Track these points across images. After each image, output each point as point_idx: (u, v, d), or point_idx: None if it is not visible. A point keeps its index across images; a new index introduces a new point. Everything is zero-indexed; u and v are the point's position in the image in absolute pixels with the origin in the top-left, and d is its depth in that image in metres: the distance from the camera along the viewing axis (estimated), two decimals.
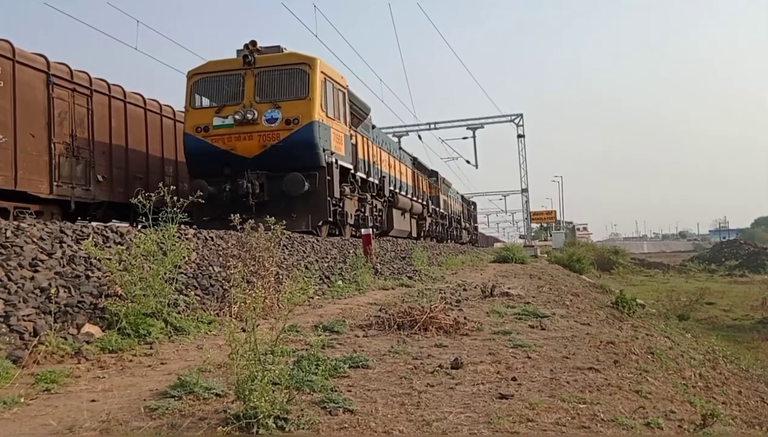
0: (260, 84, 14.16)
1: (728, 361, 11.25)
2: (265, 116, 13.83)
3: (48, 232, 6.49)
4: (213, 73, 14.55)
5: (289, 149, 13.60)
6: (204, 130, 14.02)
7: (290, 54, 14.52)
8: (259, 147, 13.77)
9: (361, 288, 10.05)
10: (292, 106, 13.87)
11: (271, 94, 14.14)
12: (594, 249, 53.14)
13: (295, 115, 13.76)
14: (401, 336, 5.82)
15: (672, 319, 19.05)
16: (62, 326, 5.01)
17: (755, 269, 51.89)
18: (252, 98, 13.99)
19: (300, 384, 3.81)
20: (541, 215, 71.86)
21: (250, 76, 14.14)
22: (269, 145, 13.73)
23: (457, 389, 4.05)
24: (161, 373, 4.32)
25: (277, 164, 13.57)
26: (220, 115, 14.03)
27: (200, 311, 6.33)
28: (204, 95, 14.72)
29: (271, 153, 13.67)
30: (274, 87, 14.19)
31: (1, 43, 11.51)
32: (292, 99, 14.02)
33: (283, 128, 13.75)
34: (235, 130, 13.87)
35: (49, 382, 3.94)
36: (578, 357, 5.29)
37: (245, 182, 13.44)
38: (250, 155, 13.78)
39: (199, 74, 14.59)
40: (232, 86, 14.37)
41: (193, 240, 8.32)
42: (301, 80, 14.16)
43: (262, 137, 13.80)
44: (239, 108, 13.86)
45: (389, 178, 21.88)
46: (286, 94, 14.13)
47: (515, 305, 8.68)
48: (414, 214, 26.96)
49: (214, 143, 13.93)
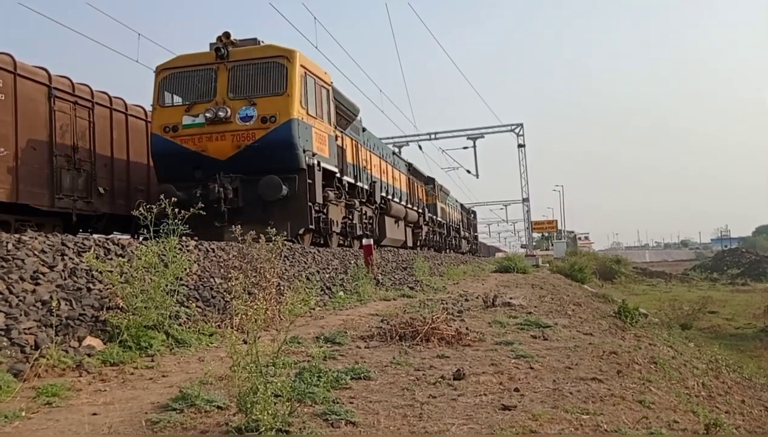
0: (234, 79, 13.03)
1: (731, 370, 11.21)
2: (239, 114, 12.72)
3: (49, 245, 6.50)
4: (183, 68, 13.39)
5: (265, 149, 12.46)
6: (172, 130, 12.88)
7: (266, 46, 13.45)
8: (232, 148, 12.66)
9: (363, 299, 10.04)
10: (268, 103, 12.75)
11: (246, 90, 12.97)
12: (596, 258, 53.16)
13: (271, 112, 12.62)
14: (403, 347, 5.81)
15: (675, 328, 19.02)
16: (63, 339, 5.00)
17: (757, 277, 51.91)
18: (225, 95, 12.89)
19: (302, 396, 3.80)
20: (542, 225, 71.83)
21: (223, 71, 13.02)
22: (243, 145, 12.61)
23: (460, 400, 4.04)
24: (163, 386, 4.31)
25: (252, 166, 12.49)
26: (191, 113, 12.91)
27: (202, 323, 6.32)
28: (174, 92, 13.57)
29: (246, 154, 12.56)
30: (249, 82, 13.03)
31: (3, 56, 11.57)
32: (268, 95, 12.88)
33: (258, 127, 12.63)
34: (207, 129, 12.75)
35: (51, 396, 3.93)
36: (581, 367, 5.27)
37: (216, 187, 12.33)
38: (223, 157, 12.68)
39: (169, 69, 13.47)
40: (203, 82, 13.24)
41: (195, 252, 8.32)
42: (278, 75, 13.00)
43: (236, 136, 12.69)
44: (211, 106, 12.76)
45: (381, 183, 20.79)
46: (262, 89, 12.97)
47: (517, 315, 8.66)
48: (409, 222, 26.01)
49: (183, 144, 12.80)
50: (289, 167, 12.67)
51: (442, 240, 35.99)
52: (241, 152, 12.58)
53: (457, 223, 43.07)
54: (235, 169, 12.61)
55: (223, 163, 12.61)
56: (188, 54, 13.62)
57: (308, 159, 13.02)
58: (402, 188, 25.32)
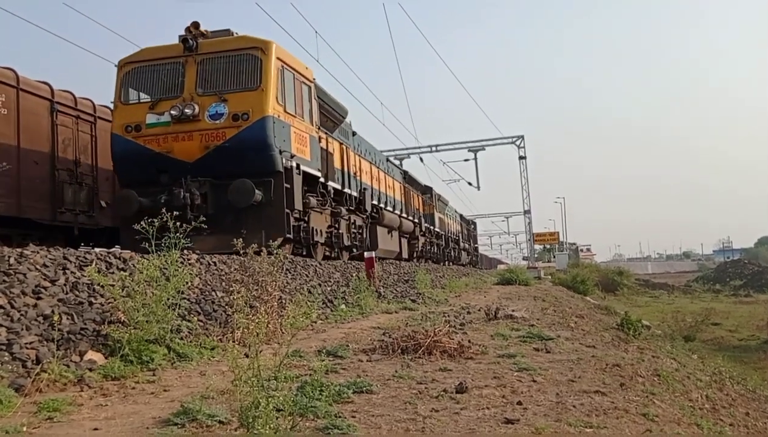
0: (203, 73, 11.88)
1: (735, 382, 11.14)
2: (208, 112, 11.55)
3: (51, 259, 6.50)
4: (148, 61, 12.21)
5: (236, 150, 11.36)
6: (135, 129, 11.71)
7: (240, 38, 12.35)
8: (200, 149, 11.48)
9: (365, 312, 10.02)
10: (240, 99, 11.61)
11: (217, 85, 11.81)
12: (598, 270, 53.09)
13: (244, 109, 11.49)
14: (405, 360, 5.79)
15: (678, 340, 18.93)
16: (65, 353, 4.99)
17: (760, 288, 51.75)
18: (193, 91, 11.71)
19: (304, 410, 3.78)
20: (544, 237, 71.73)
21: (191, 65, 11.86)
22: (213, 146, 11.45)
23: (462, 414, 4.02)
24: (164, 400, 4.30)
25: (223, 169, 11.36)
26: (155, 111, 11.75)
27: (203, 337, 6.31)
28: (137, 88, 12.41)
29: (216, 156, 11.41)
30: (219, 77, 11.88)
31: (6, 71, 11.64)
32: (240, 90, 11.74)
33: (229, 126, 11.47)
34: (173, 128, 11.57)
35: (52, 410, 3.92)
36: (584, 380, 5.25)
37: (182, 192, 11.16)
38: (191, 159, 11.49)
39: (132, 63, 12.28)
40: (170, 77, 12.05)
41: (196, 265, 8.32)
42: (251, 68, 11.86)
43: (205, 136, 11.50)
44: (178, 102, 11.59)
45: (372, 191, 19.60)
46: (233, 84, 11.82)
47: (520, 327, 8.63)
48: (404, 233, 24.83)
49: (146, 145, 11.61)
50: (263, 170, 11.55)
51: (441, 252, 35.03)
52: (211, 154, 11.47)
53: (456, 234, 42.19)
54: (204, 172, 11.47)
55: (190, 166, 11.48)
56: (154, 46, 12.52)
57: (286, 161, 11.89)
58: (397, 197, 24.19)
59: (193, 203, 11.18)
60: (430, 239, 31.59)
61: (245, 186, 11.18)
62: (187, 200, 11.08)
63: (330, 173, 15.05)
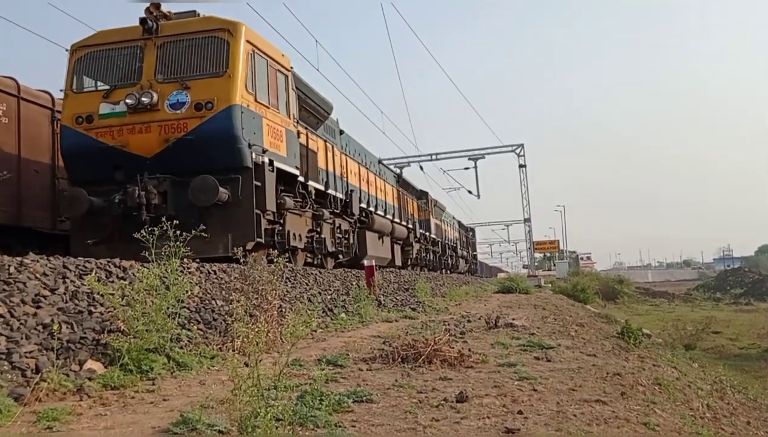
0: (164, 58, 10.65)
1: (736, 391, 11.13)
2: (168, 100, 10.36)
3: (51, 267, 6.50)
4: (103, 45, 10.98)
5: (200, 143, 10.16)
6: (86, 120, 10.51)
7: (205, 19, 11.15)
8: (159, 142, 10.31)
9: (365, 321, 10.01)
10: (205, 87, 10.41)
11: (179, 70, 10.59)
12: (598, 279, 53.03)
13: (208, 97, 10.29)
14: (405, 369, 5.78)
15: (678, 349, 18.90)
16: (64, 362, 4.98)
17: (761, 297, 51.66)
18: (152, 77, 10.51)
19: (304, 420, 3.78)
20: (544, 245, 71.84)
21: (151, 49, 10.66)
22: (173, 139, 10.25)
23: (463, 423, 4.01)
24: (163, 410, 4.29)
25: (185, 164, 10.18)
26: (110, 100, 10.54)
27: (203, 346, 6.29)
28: (92, 76, 11.19)
29: (177, 150, 10.23)
30: (182, 62, 10.64)
31: (7, 80, 11.67)
32: (205, 76, 10.53)
33: (192, 116, 10.27)
34: (128, 119, 10.37)
35: (51, 420, 3.91)
36: (585, 388, 5.24)
37: (137, 190, 9.95)
38: (149, 154, 10.32)
39: (86, 48, 11.09)
40: (127, 62, 10.81)
41: (196, 274, 8.31)
42: (217, 52, 10.62)
43: (165, 128, 10.31)
44: (135, 90, 10.39)
45: (361, 193, 18.50)
46: (197, 70, 10.59)
47: (520, 336, 8.62)
48: (397, 239, 23.55)
49: (99, 138, 10.40)
50: (230, 166, 10.37)
51: (437, 259, 33.68)
52: (171, 148, 10.28)
53: (454, 241, 41.12)
54: (164, 168, 10.32)
55: (148, 161, 10.32)
56: (111, 29, 11.26)
57: (256, 156, 10.69)
58: (389, 201, 22.97)
59: (150, 202, 10.05)
60: (425, 246, 30.49)
61: (207, 183, 9.99)
62: (142, 200, 9.95)
63: (312, 172, 13.88)
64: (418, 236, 28.18)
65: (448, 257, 37.93)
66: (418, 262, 28.19)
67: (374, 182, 20.99)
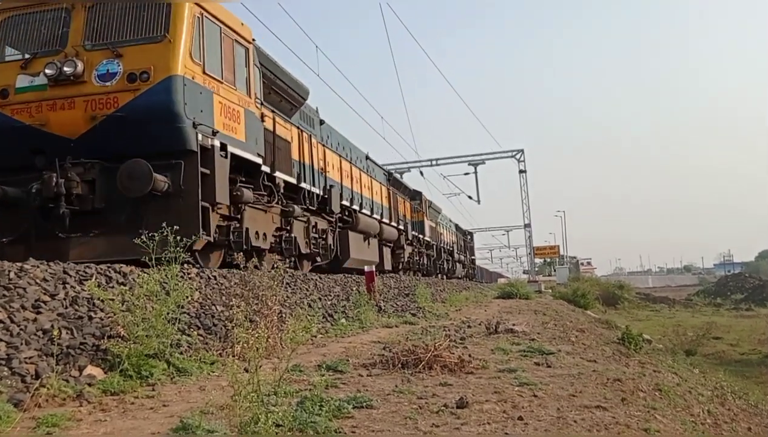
0: (93, 22, 9.08)
1: (737, 397, 11.11)
2: (96, 71, 8.74)
3: (51, 273, 6.49)
4: (24, 8, 9.45)
5: (133, 121, 8.58)
6: (1, 95, 8.95)
7: None
8: (86, 121, 8.69)
9: (365, 326, 10.00)
10: (140, 54, 8.81)
11: (110, 35, 8.99)
12: (598, 284, 53.02)
13: (143, 66, 8.69)
14: (405, 374, 5.77)
15: (679, 354, 18.86)
16: (64, 368, 4.98)
17: (761, 302, 51.62)
18: (79, 44, 8.92)
19: (303, 426, 3.77)
20: (544, 250, 71.87)
21: (78, 12, 9.12)
22: (102, 116, 8.64)
23: (463, 429, 4.00)
24: (163, 415, 4.28)
25: (117, 147, 8.66)
26: (28, 71, 8.98)
27: (203, 352, 6.29)
28: (10, 44, 9.57)
29: (107, 130, 8.66)
30: (114, 26, 9.05)
31: None
32: (140, 42, 8.92)
33: (124, 89, 8.67)
34: (49, 94, 8.78)
35: (51, 426, 3.90)
36: (585, 394, 5.23)
37: (56, 178, 8.41)
38: (73, 135, 8.75)
39: (4, 12, 9.60)
40: (50, 28, 9.20)
41: (196, 279, 8.31)
42: (156, 13, 9.04)
43: (91, 103, 8.68)
44: (57, 59, 8.81)
45: (343, 190, 16.86)
46: (131, 34, 9.01)
47: (520, 342, 8.62)
48: (386, 241, 22.06)
49: (14, 116, 8.85)
50: (170, 149, 8.79)
51: (432, 263, 32.01)
52: (99, 127, 8.70)
53: (450, 245, 39.57)
54: (92, 152, 8.74)
55: (73, 143, 8.76)
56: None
57: (203, 138, 9.08)
58: (378, 200, 21.40)
59: (70, 192, 8.52)
60: (418, 249, 28.85)
61: (139, 169, 8.39)
62: (61, 189, 8.40)
63: (282, 162, 12.41)
64: (411, 239, 26.68)
65: (444, 261, 36.53)
66: (411, 266, 26.83)
67: (360, 178, 19.42)
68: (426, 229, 30.47)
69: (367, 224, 18.93)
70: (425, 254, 30.50)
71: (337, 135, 18.24)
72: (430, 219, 32.47)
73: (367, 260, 18.38)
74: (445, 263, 36.96)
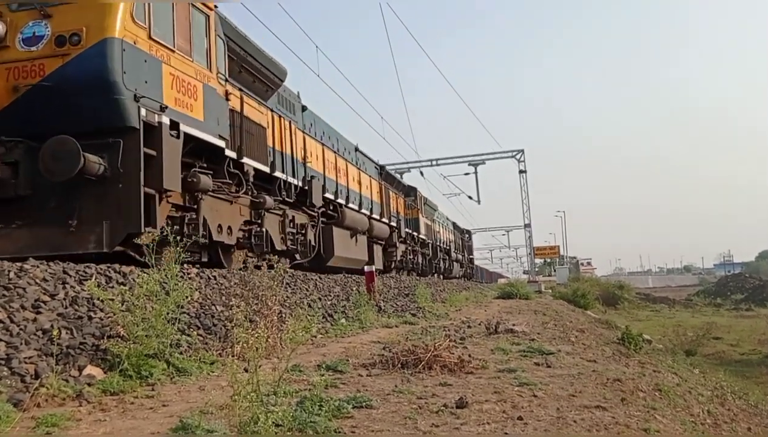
0: None
1: (737, 397, 11.11)
2: (21, 34, 7.68)
3: (51, 273, 6.49)
4: None
5: (62, 92, 7.46)
6: None
7: None
8: (8, 92, 7.61)
9: (365, 326, 10.00)
10: (71, 14, 7.66)
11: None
12: (598, 284, 53.01)
13: (74, 28, 7.55)
14: (405, 374, 5.77)
15: (679, 355, 18.86)
16: (64, 368, 4.98)
17: (761, 302, 51.61)
18: (3, 4, 7.92)
19: (303, 426, 3.77)
20: (544, 251, 71.88)
21: None
22: (25, 86, 7.56)
23: (463, 429, 4.00)
24: (163, 415, 4.28)
25: (44, 122, 7.49)
26: None
27: (203, 352, 6.29)
28: None
29: (32, 103, 7.56)
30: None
31: None
32: (72, 0, 7.75)
33: (51, 54, 7.56)
34: None
35: (50, 426, 3.90)
36: (585, 394, 5.23)
37: None
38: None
39: None
40: None
41: (196, 279, 8.31)
42: None
43: (14, 71, 7.60)
44: None
45: (326, 182, 15.62)
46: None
47: (520, 342, 8.62)
48: (377, 238, 20.94)
49: None
50: (107, 125, 7.58)
51: (427, 262, 30.77)
52: (23, 99, 7.58)
53: (447, 243, 38.42)
54: (14, 129, 7.57)
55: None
56: None
57: (148, 113, 7.85)
58: (367, 195, 20.14)
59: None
60: (412, 248, 27.53)
61: (64, 147, 7.20)
62: None
63: (254, 149, 11.27)
64: (404, 236, 25.33)
65: (440, 261, 35.19)
66: (404, 265, 25.65)
67: (347, 170, 18.15)
68: (421, 226, 29.27)
69: (355, 219, 17.77)
70: (420, 253, 29.38)
71: (322, 123, 17.02)
72: (426, 216, 31.41)
73: (354, 258, 17.51)
74: (442, 263, 35.95)
